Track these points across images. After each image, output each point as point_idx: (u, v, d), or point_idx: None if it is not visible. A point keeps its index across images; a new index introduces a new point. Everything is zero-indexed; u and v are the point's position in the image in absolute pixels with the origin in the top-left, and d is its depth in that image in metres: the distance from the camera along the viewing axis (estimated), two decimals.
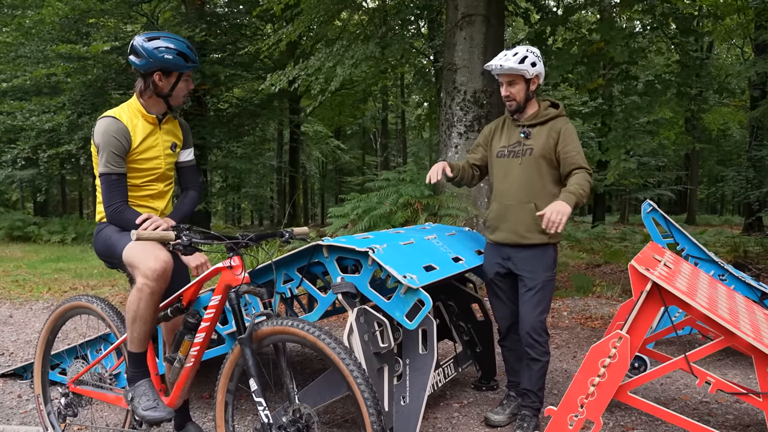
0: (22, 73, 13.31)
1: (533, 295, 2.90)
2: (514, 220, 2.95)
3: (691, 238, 3.85)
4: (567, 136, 2.90)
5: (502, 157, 3.04)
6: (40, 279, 8.49)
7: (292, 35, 8.14)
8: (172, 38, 2.54)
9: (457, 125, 6.50)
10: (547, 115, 2.96)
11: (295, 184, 22.89)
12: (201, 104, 14.88)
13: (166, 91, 2.57)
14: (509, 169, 2.99)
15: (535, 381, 2.91)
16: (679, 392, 3.50)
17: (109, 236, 2.60)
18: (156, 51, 2.47)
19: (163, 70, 2.51)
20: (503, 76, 2.94)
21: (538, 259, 2.92)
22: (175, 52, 2.49)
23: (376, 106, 24.79)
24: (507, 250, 3.01)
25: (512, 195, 2.97)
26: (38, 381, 3.00)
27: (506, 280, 3.06)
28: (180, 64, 2.51)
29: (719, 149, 27.70)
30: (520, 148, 2.97)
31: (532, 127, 2.97)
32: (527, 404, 2.95)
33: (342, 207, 6.28)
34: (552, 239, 2.93)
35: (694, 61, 7.43)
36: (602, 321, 5.39)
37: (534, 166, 2.93)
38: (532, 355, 2.89)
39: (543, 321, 2.90)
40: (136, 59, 2.52)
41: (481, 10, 6.41)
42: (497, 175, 3.07)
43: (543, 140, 2.92)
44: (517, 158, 2.96)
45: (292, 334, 2.21)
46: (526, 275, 2.93)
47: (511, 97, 2.94)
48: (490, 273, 3.10)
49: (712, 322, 2.21)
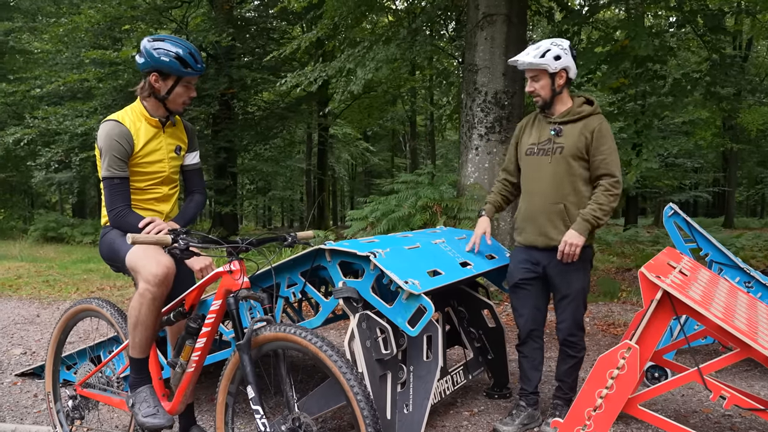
0: (56, 78, 13.70)
1: (569, 303, 2.87)
2: (543, 222, 2.87)
3: (716, 242, 3.69)
4: (601, 137, 2.79)
5: (531, 155, 2.94)
6: (69, 279, 8.69)
7: (313, 38, 8.16)
8: (176, 42, 2.53)
9: (478, 127, 6.40)
10: (581, 112, 2.85)
11: (323, 187, 22.99)
12: (229, 108, 15.07)
13: (162, 93, 2.56)
14: (538, 167, 2.90)
15: (569, 373, 2.95)
16: (701, 404, 3.35)
17: (113, 240, 2.61)
18: (154, 52, 2.48)
19: (160, 71, 2.51)
20: (527, 72, 2.87)
21: (571, 264, 2.83)
22: (173, 56, 2.48)
23: (405, 108, 24.71)
24: (536, 254, 2.93)
25: (541, 195, 2.88)
26: (49, 379, 3.04)
27: (533, 284, 2.98)
28: (175, 68, 2.49)
29: (759, 150, 26.75)
30: (550, 146, 2.87)
31: (563, 125, 2.86)
32: (560, 395, 2.97)
33: (361, 210, 6.26)
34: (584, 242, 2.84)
35: (725, 59, 7.17)
36: (625, 328, 5.23)
37: (564, 166, 2.83)
38: (570, 352, 2.93)
39: (581, 322, 2.91)
40: (139, 58, 2.55)
41: (502, 10, 6.30)
42: (526, 174, 2.98)
43: (574, 138, 2.81)
44: (547, 156, 2.86)
45: (292, 342, 2.17)
46: (560, 283, 2.87)
47: (536, 93, 2.87)
48: (516, 276, 3.01)
49: (727, 333, 2.10)
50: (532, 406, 3.04)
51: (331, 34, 9.68)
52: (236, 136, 15.19)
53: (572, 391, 2.97)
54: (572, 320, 2.88)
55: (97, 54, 12.20)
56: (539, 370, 3.07)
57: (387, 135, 30.90)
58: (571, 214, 2.83)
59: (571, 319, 2.88)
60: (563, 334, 2.91)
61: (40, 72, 14.82)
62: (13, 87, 14.82)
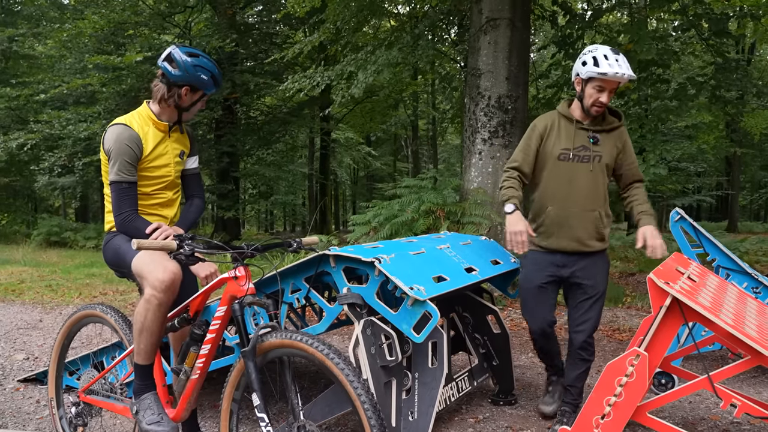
0: (60, 83, 13.74)
1: (594, 303, 2.91)
2: (577, 227, 2.88)
3: (723, 248, 3.66)
4: (629, 146, 2.97)
5: (566, 160, 2.89)
6: (72, 284, 8.68)
7: (315, 41, 8.16)
8: (208, 60, 2.61)
9: (481, 131, 6.39)
10: (613, 123, 2.93)
11: (325, 191, 23.00)
12: (232, 112, 15.09)
13: (186, 105, 2.62)
14: (575, 173, 2.88)
15: (579, 379, 2.95)
16: (709, 411, 3.32)
17: (119, 245, 2.60)
18: (195, 68, 2.53)
19: (192, 86, 2.56)
20: (610, 83, 2.74)
21: (599, 267, 2.93)
22: (209, 74, 2.57)
23: (407, 112, 24.73)
24: (562, 258, 2.94)
25: (576, 201, 2.88)
26: (52, 385, 3.02)
27: (552, 287, 3.02)
28: (209, 86, 2.59)
29: (762, 154, 26.73)
30: (588, 153, 2.87)
31: (599, 134, 2.90)
32: (569, 400, 2.97)
33: (364, 214, 6.24)
34: (605, 244, 2.97)
35: (729, 63, 7.15)
36: (630, 333, 5.19)
37: (602, 174, 2.90)
38: (584, 356, 2.93)
39: (598, 325, 2.97)
40: (172, 68, 2.54)
41: (506, 14, 6.30)
42: (558, 179, 2.91)
43: (610, 148, 2.90)
44: (586, 164, 2.87)
45: (297, 348, 2.15)
46: (588, 283, 2.91)
47: (605, 104, 2.81)
48: (538, 280, 2.99)
49: (737, 340, 2.07)
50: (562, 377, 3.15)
51: (333, 38, 9.70)
52: (239, 140, 15.21)
53: (581, 397, 2.97)
54: (595, 321, 2.92)
55: (100, 59, 12.23)
56: (559, 350, 3.20)
57: (389, 139, 30.90)
58: (603, 221, 2.92)
59: (594, 320, 2.92)
60: (584, 336, 2.90)
61: (43, 76, 14.86)
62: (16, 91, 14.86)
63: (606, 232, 2.94)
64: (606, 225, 2.93)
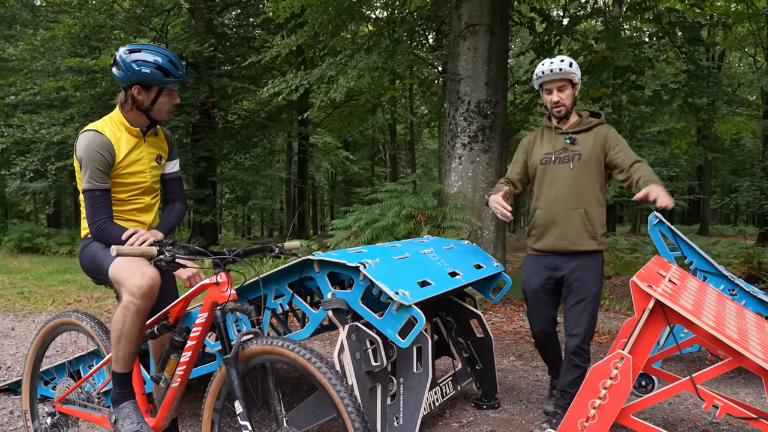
0: (32, 86, 13.46)
1: (585, 306, 2.89)
2: (564, 226, 2.93)
3: (700, 251, 3.72)
4: (614, 138, 2.95)
5: (548, 164, 3.00)
6: (45, 291, 8.49)
7: (293, 45, 8.13)
8: (154, 51, 2.44)
9: (461, 136, 6.42)
10: (591, 123, 2.97)
11: (303, 196, 22.88)
12: (209, 117, 14.95)
13: (146, 105, 2.50)
14: (557, 175, 2.97)
15: (574, 383, 2.93)
16: (688, 412, 3.36)
17: (95, 252, 2.54)
18: (134, 64, 2.39)
19: (142, 83, 2.43)
20: (553, 83, 2.92)
21: (590, 268, 2.92)
22: (153, 66, 2.40)
23: (385, 117, 24.78)
24: (555, 259, 2.98)
25: (561, 201, 2.94)
26: (26, 396, 2.94)
27: (548, 290, 3.05)
28: (159, 79, 2.42)
29: (732, 159, 27.38)
30: (568, 154, 2.95)
31: (576, 134, 2.97)
32: (561, 404, 2.97)
33: (344, 219, 6.21)
34: (600, 246, 2.94)
35: (702, 70, 7.31)
36: (610, 336, 5.25)
37: (584, 171, 2.92)
38: (577, 362, 2.92)
39: (593, 330, 2.93)
40: (116, 71, 2.45)
41: (485, 20, 6.35)
42: (542, 183, 3.02)
43: (590, 145, 2.93)
44: (566, 164, 2.94)
45: (280, 355, 2.12)
46: (578, 285, 2.91)
47: (561, 103, 2.94)
48: (535, 284, 3.04)
49: (718, 342, 2.10)
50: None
51: (311, 42, 9.67)
52: (216, 144, 15.06)
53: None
54: (588, 325, 2.90)
55: (74, 62, 12.01)
56: (559, 352, 3.21)
57: (367, 144, 30.92)
58: (591, 219, 2.92)
59: (587, 323, 2.89)
60: (577, 340, 2.89)
61: (14, 79, 14.54)
62: None
63: (597, 230, 2.93)
64: (597, 223, 2.93)
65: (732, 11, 15.06)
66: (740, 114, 16.79)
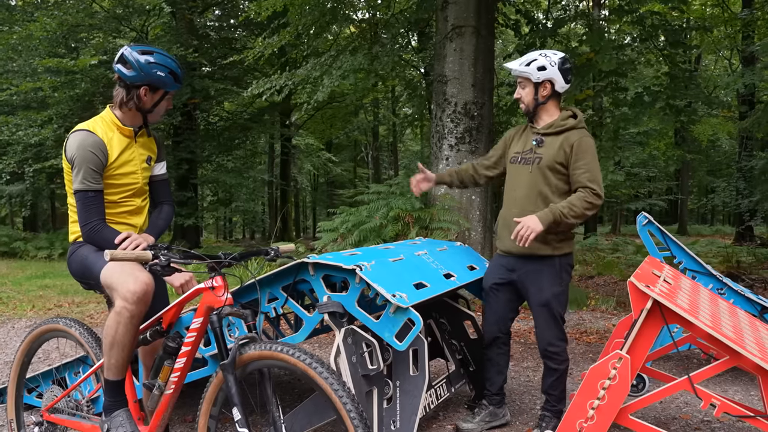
0: (8, 86, 13.19)
1: (542, 311, 2.87)
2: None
3: (688, 250, 3.77)
4: (580, 152, 2.78)
5: (515, 163, 3.00)
6: (24, 296, 8.30)
7: (276, 45, 8.08)
8: (165, 56, 2.48)
9: (448, 137, 6.42)
10: (563, 125, 2.88)
11: (286, 198, 22.76)
12: (191, 118, 14.80)
13: (148, 106, 2.50)
14: (519, 176, 2.96)
15: (554, 386, 2.92)
16: (680, 411, 3.39)
17: (85, 256, 2.48)
18: (149, 66, 2.40)
19: (151, 85, 2.44)
20: (520, 79, 2.94)
21: (543, 273, 2.87)
22: (167, 71, 2.44)
23: (368, 119, 24.76)
24: (512, 261, 2.96)
25: (518, 203, 2.92)
26: (11, 405, 2.87)
27: (504, 289, 3.02)
28: (168, 83, 2.46)
29: (709, 160, 27.84)
30: (531, 155, 2.92)
31: (545, 136, 2.91)
32: (548, 407, 2.95)
33: (331, 221, 6.17)
34: (557, 251, 2.85)
35: (683, 72, 7.42)
36: (598, 335, 5.29)
37: (541, 176, 2.86)
38: (551, 365, 2.91)
39: (559, 333, 2.87)
40: (126, 70, 2.43)
41: (471, 22, 6.37)
42: (507, 182, 3.04)
43: (554, 151, 2.84)
44: (527, 166, 2.92)
45: (279, 360, 2.08)
46: (532, 290, 2.89)
47: (521, 100, 2.96)
48: (488, 281, 3.05)
49: (715, 341, 2.12)
50: (494, 405, 3.11)
51: (294, 42, 9.62)
52: (198, 146, 14.92)
53: (560, 403, 2.96)
54: (546, 328, 2.86)
55: (52, 62, 11.79)
56: (503, 373, 3.14)
57: (350, 145, 30.87)
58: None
59: (544, 327, 2.87)
60: (541, 344, 2.91)
61: None
62: None
63: (552, 236, 2.82)
64: (551, 230, 2.76)
65: (708, 15, 15.34)
66: (716, 116, 17.12)
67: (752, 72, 11.98)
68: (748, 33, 13.84)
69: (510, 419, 3.21)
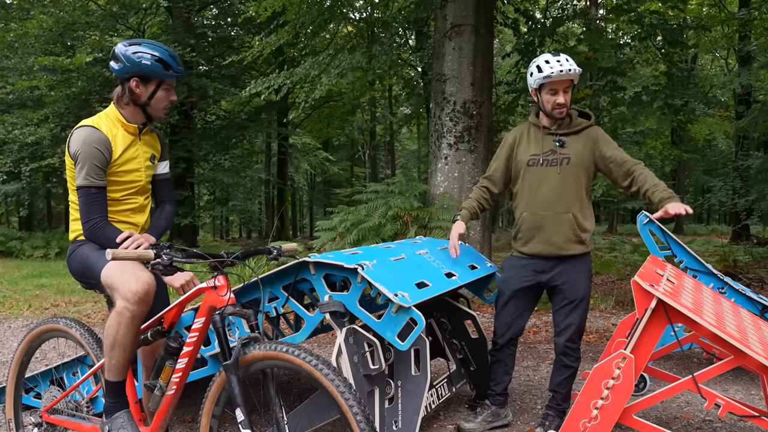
0: (4, 85, 13.12)
1: (575, 308, 2.88)
2: (551, 231, 2.88)
3: (689, 250, 3.76)
4: (606, 141, 2.90)
5: (535, 166, 2.93)
6: (21, 296, 8.27)
7: (275, 44, 8.06)
8: (153, 45, 2.44)
9: (447, 136, 6.41)
10: (580, 124, 2.91)
11: (283, 197, 22.72)
12: (188, 117, 14.75)
13: (143, 99, 2.45)
14: (544, 178, 2.90)
15: (563, 384, 2.92)
16: (681, 410, 3.39)
17: (86, 255, 2.46)
18: (134, 56, 2.37)
19: (141, 76, 2.40)
20: (560, 83, 2.81)
21: (579, 271, 2.89)
22: (154, 59, 2.38)
23: (365, 118, 24.74)
24: (541, 263, 2.94)
25: (548, 205, 2.89)
26: (10, 406, 2.84)
27: (527, 293, 3.00)
28: (158, 71, 2.40)
29: (705, 159, 27.92)
30: (556, 157, 2.89)
31: (566, 136, 2.90)
32: (553, 405, 2.96)
33: (330, 220, 6.16)
34: (587, 248, 2.91)
35: (681, 72, 7.43)
36: (597, 335, 5.29)
37: (572, 176, 2.87)
38: (566, 362, 2.91)
39: (582, 330, 2.92)
40: (115, 64, 2.42)
41: (470, 21, 6.36)
42: (528, 184, 2.95)
43: (580, 149, 2.87)
44: (554, 167, 2.88)
45: (284, 360, 2.06)
46: (567, 288, 2.89)
47: (564, 104, 2.85)
48: (515, 285, 2.99)
49: (720, 340, 2.11)
50: (497, 405, 3.10)
51: (292, 41, 9.59)
52: (195, 145, 14.87)
53: (565, 402, 2.95)
54: (577, 326, 2.89)
55: (48, 60, 11.73)
56: (510, 374, 3.13)
57: (347, 144, 30.85)
58: (579, 223, 2.88)
59: (576, 325, 2.88)
60: (565, 340, 2.89)
61: None
62: None
63: (584, 235, 2.89)
64: (584, 228, 2.89)
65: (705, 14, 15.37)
66: (713, 115, 17.17)
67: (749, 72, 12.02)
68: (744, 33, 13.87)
69: (512, 419, 3.20)
